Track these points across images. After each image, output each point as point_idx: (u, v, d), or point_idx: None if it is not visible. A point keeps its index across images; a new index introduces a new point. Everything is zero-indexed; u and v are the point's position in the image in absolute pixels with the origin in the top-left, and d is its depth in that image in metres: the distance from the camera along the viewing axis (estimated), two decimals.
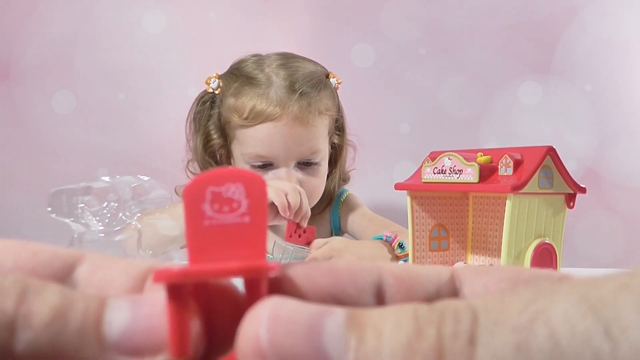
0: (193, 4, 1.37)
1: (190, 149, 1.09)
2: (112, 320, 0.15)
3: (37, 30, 1.35)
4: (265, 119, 0.96)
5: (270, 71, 1.00)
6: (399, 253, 0.91)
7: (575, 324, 0.13)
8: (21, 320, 0.15)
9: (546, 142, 0.66)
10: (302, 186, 0.98)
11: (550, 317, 0.13)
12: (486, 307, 0.14)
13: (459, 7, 1.36)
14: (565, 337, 0.13)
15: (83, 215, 0.48)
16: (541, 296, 0.14)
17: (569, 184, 0.66)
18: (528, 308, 0.13)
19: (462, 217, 0.76)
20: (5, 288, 0.15)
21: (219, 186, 0.17)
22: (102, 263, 0.18)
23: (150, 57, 1.36)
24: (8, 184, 1.35)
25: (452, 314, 0.14)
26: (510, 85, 1.37)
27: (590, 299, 0.13)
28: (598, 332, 0.13)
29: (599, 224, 1.36)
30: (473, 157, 0.67)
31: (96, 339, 0.15)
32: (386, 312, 0.14)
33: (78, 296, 0.15)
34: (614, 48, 1.36)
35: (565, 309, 0.13)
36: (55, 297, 0.15)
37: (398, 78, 1.38)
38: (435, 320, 0.14)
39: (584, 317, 0.13)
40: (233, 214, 0.17)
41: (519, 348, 0.13)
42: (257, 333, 0.14)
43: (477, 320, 0.14)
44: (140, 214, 0.51)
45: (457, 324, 0.14)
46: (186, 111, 1.10)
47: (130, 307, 0.16)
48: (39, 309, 0.15)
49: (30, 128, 1.35)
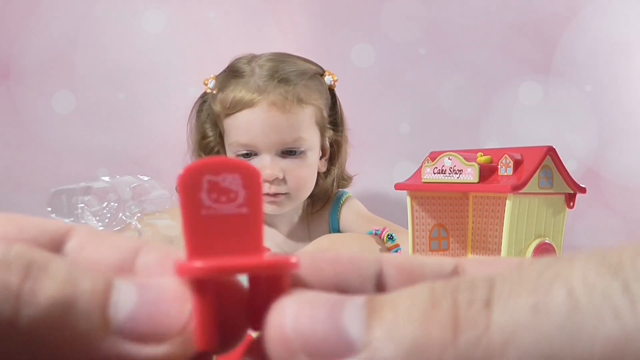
0: (193, 4, 1.37)
1: (189, 149, 1.10)
2: (119, 302, 0.15)
3: (37, 30, 1.35)
4: (244, 106, 0.97)
5: (257, 64, 1.01)
6: (389, 244, 0.91)
7: (594, 283, 0.13)
8: (26, 296, 0.14)
9: (546, 142, 0.66)
10: (287, 175, 0.99)
11: (568, 278, 0.13)
12: (503, 275, 0.14)
13: (459, 7, 1.36)
14: (584, 295, 0.13)
15: (83, 215, 0.48)
16: (559, 262, 0.14)
17: (569, 184, 0.66)
18: (546, 271, 0.13)
19: (462, 217, 0.76)
20: (9, 260, 0.14)
21: (215, 175, 0.17)
22: (91, 238, 0.18)
23: (150, 57, 1.36)
24: (8, 184, 1.35)
25: (468, 284, 0.14)
26: (510, 85, 1.37)
27: (609, 260, 0.13)
28: (617, 290, 0.13)
29: (599, 224, 1.36)
30: (473, 157, 0.67)
31: (101, 320, 0.15)
32: (403, 292, 0.14)
33: (84, 274, 0.15)
34: (614, 48, 1.36)
35: (584, 270, 0.13)
36: (61, 273, 0.15)
37: (398, 78, 1.38)
38: (450, 290, 0.14)
39: (603, 277, 0.13)
40: (230, 205, 0.17)
41: (537, 308, 0.13)
42: (282, 321, 0.15)
43: (494, 286, 0.13)
44: (140, 214, 0.51)
45: (473, 292, 0.14)
46: (186, 111, 1.11)
47: (137, 291, 0.15)
48: (44, 286, 0.14)
49: (30, 128, 1.35)
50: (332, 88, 1.08)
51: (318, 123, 1.03)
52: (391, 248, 0.91)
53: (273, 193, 0.99)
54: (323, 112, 1.04)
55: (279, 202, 1.01)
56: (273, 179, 0.98)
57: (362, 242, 0.90)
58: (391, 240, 0.92)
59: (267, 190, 0.99)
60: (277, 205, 1.01)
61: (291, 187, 1.00)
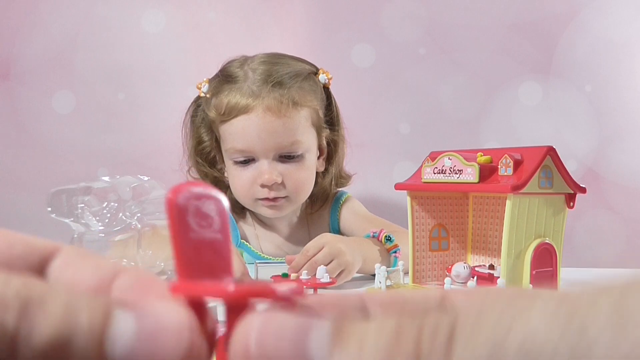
0: (193, 4, 1.37)
1: (185, 154, 1.10)
2: (117, 335, 0.15)
3: (37, 30, 1.35)
4: (239, 112, 0.97)
5: (249, 68, 1.01)
6: (388, 245, 0.91)
7: (553, 323, 0.13)
8: (22, 338, 0.14)
9: (546, 142, 0.66)
10: (285, 179, 0.99)
11: (528, 316, 0.13)
12: (467, 310, 0.14)
13: (459, 7, 1.36)
14: (543, 334, 0.13)
15: (83, 215, 0.48)
16: (521, 298, 0.14)
17: (569, 184, 0.66)
18: (507, 309, 0.14)
19: (462, 217, 0.76)
20: (7, 299, 0.14)
21: (198, 200, 0.18)
22: (73, 260, 0.18)
23: (150, 57, 1.36)
24: (8, 184, 1.35)
25: (433, 319, 0.14)
26: (510, 85, 1.37)
27: (569, 300, 0.13)
28: (575, 330, 0.13)
29: (599, 224, 1.36)
30: (473, 157, 0.67)
31: (98, 356, 0.15)
32: (370, 323, 0.15)
33: (83, 305, 0.15)
34: (614, 48, 1.36)
35: (544, 309, 0.13)
36: (58, 310, 0.15)
37: (398, 78, 1.38)
38: (416, 326, 0.14)
39: (562, 317, 0.13)
40: (209, 230, 0.18)
41: (496, 346, 0.13)
42: (247, 337, 0.15)
43: (457, 322, 0.14)
44: (140, 214, 0.51)
45: (436, 327, 0.14)
46: (185, 111, 1.11)
47: (136, 321, 0.15)
48: (41, 326, 0.14)
49: (30, 128, 1.35)
50: (326, 86, 1.07)
51: (314, 124, 1.03)
52: (390, 249, 0.91)
53: (272, 197, 0.99)
54: (319, 112, 1.04)
55: (279, 205, 1.01)
56: (272, 184, 0.98)
57: (361, 246, 0.90)
58: (389, 242, 0.92)
59: (267, 195, 0.99)
60: (277, 209, 1.01)
61: (290, 190, 1.00)
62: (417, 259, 0.73)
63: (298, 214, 1.11)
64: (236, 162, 1.00)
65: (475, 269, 0.70)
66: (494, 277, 0.67)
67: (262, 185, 0.98)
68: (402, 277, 0.72)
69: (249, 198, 1.01)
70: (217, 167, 1.08)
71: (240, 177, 1.00)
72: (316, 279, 0.71)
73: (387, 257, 0.91)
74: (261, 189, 0.99)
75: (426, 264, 0.74)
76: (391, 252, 0.91)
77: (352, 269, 0.82)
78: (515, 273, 0.64)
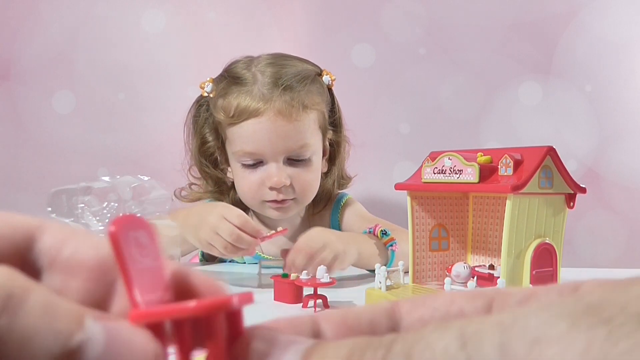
0: (193, 4, 1.37)
1: (188, 153, 1.10)
2: (87, 345, 0.15)
3: (37, 30, 1.35)
4: (250, 115, 0.97)
5: (257, 70, 1.01)
6: (384, 239, 0.93)
7: (449, 356, 0.14)
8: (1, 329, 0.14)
9: (546, 142, 0.66)
10: (293, 182, 0.99)
11: (434, 349, 0.15)
12: (404, 336, 0.16)
13: (459, 7, 1.36)
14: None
15: (83, 215, 0.48)
16: (435, 331, 0.15)
17: (569, 184, 0.66)
18: (420, 340, 0.15)
19: (462, 217, 0.76)
20: None
21: (135, 231, 0.18)
22: (66, 237, 0.18)
23: (150, 57, 1.36)
24: (8, 184, 1.35)
25: (377, 340, 0.16)
26: (510, 85, 1.37)
27: (466, 333, 0.14)
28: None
29: (599, 224, 1.36)
30: (473, 157, 0.67)
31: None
32: (331, 344, 0.16)
33: (59, 312, 0.15)
34: (614, 48, 1.36)
35: (446, 342, 0.15)
36: (37, 311, 0.15)
37: (398, 78, 1.38)
38: (365, 344, 0.16)
39: (456, 350, 0.14)
40: (148, 258, 0.18)
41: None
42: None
43: (395, 343, 0.15)
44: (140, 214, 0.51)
45: (377, 347, 0.15)
46: (186, 111, 1.10)
47: (105, 334, 0.16)
48: (18, 322, 0.15)
49: (30, 128, 1.35)
50: (330, 87, 1.07)
51: (321, 126, 1.04)
52: (386, 242, 0.92)
53: (281, 200, 1.00)
54: (325, 114, 1.04)
55: (286, 207, 1.01)
56: (281, 187, 0.98)
57: (355, 239, 0.90)
58: (385, 236, 0.93)
59: (275, 197, 0.99)
60: (284, 211, 1.02)
61: (298, 192, 1.00)
62: (417, 259, 0.73)
63: (302, 215, 1.11)
64: (244, 165, 1.00)
65: (475, 269, 0.70)
66: (494, 277, 0.67)
67: (271, 188, 0.98)
68: (402, 277, 0.72)
69: (257, 200, 1.01)
70: (220, 167, 1.08)
71: (248, 179, 1.00)
72: (316, 279, 0.71)
73: (384, 251, 0.92)
74: (269, 192, 0.99)
75: (426, 264, 0.74)
76: (388, 246, 0.92)
77: (345, 257, 0.83)
78: (515, 273, 0.64)
